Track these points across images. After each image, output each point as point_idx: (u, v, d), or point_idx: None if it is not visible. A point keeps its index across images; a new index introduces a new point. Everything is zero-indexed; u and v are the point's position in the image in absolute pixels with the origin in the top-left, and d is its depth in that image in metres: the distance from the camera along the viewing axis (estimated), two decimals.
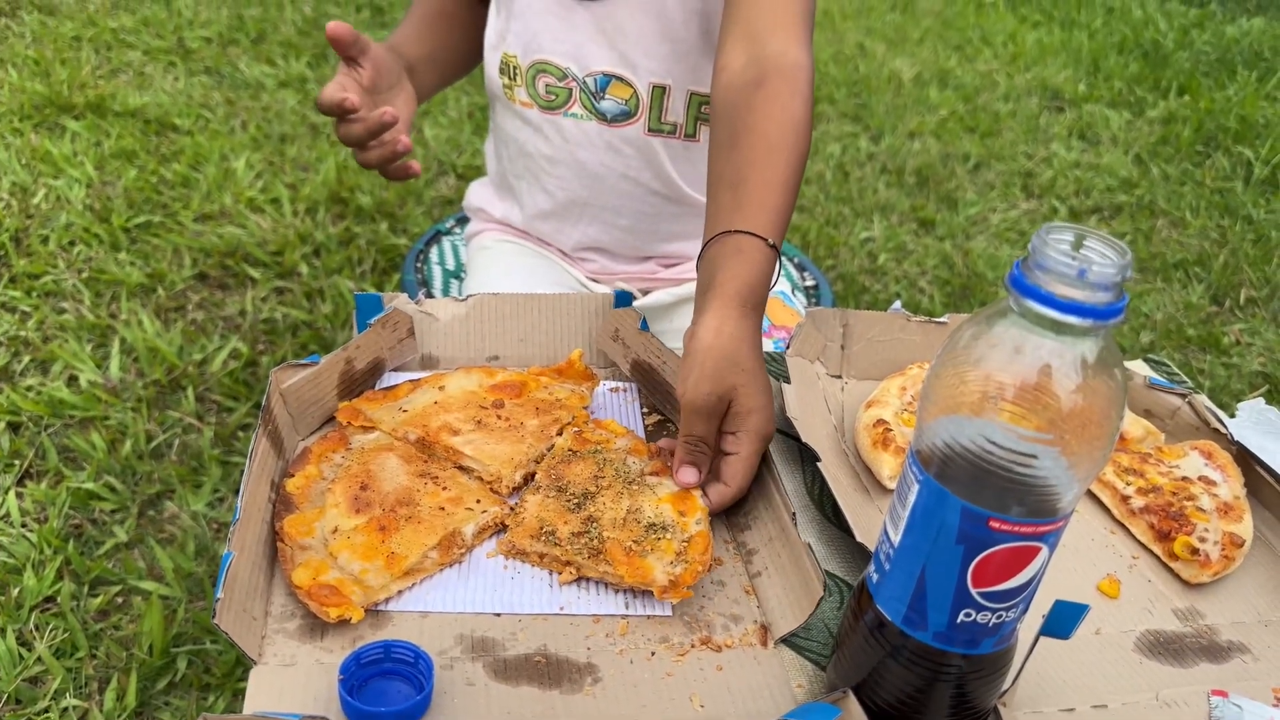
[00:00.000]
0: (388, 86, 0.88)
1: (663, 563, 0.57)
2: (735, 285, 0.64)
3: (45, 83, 2.33)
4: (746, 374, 0.62)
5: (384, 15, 3.16)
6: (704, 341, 0.62)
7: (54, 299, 1.64)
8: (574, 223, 1.02)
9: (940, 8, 4.12)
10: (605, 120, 0.94)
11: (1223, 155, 2.79)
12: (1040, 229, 0.42)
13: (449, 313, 0.74)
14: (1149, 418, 0.79)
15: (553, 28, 0.91)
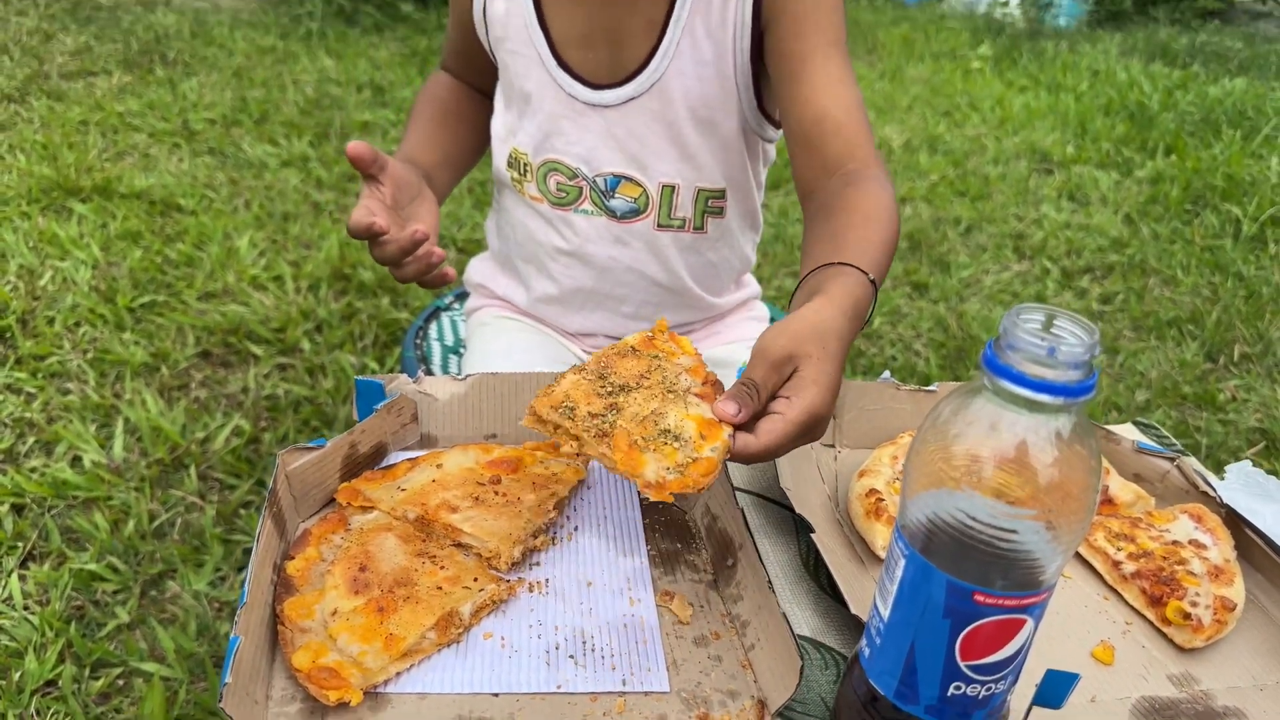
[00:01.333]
0: (410, 199, 0.89)
1: (659, 465, 0.57)
2: (841, 294, 0.66)
3: (53, 166, 2.38)
4: (825, 353, 0.62)
5: (384, 95, 3.24)
6: (801, 312, 0.63)
7: (59, 380, 1.66)
8: (578, 310, 1.04)
9: (928, 75, 4.21)
10: (615, 217, 0.96)
11: (1211, 213, 2.83)
12: (1011, 310, 0.44)
13: (448, 392, 0.76)
14: (1139, 482, 0.80)
15: (565, 130, 0.93)
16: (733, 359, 1.05)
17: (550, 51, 0.91)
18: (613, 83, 0.90)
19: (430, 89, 1.06)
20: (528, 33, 0.91)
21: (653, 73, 0.89)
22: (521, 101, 0.95)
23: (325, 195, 2.47)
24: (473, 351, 1.08)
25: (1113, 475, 0.78)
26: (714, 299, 1.07)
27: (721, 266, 1.04)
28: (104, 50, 3.33)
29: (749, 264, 1.11)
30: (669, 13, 0.87)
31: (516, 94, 0.95)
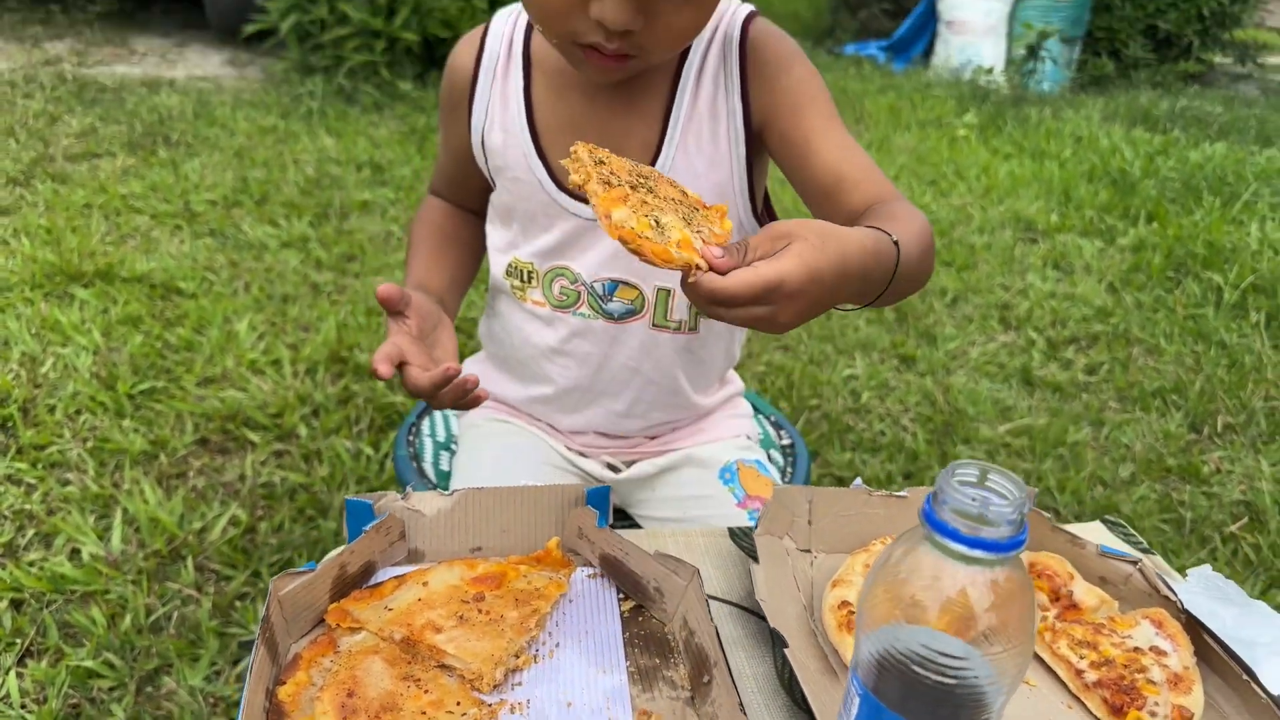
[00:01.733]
0: (431, 327, 0.95)
1: (629, 217, 0.66)
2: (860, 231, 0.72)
3: (56, 251, 2.44)
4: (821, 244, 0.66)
5: (383, 173, 3.31)
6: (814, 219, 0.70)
7: (59, 470, 1.69)
8: (571, 408, 1.07)
9: (915, 144, 4.30)
10: (611, 318, 1.00)
11: (1193, 281, 2.88)
12: (947, 467, 0.47)
13: (434, 507, 0.79)
14: (1103, 585, 0.82)
15: (569, 244, 0.98)
16: (716, 459, 1.08)
17: (550, 178, 0.96)
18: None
19: (426, 216, 1.12)
20: (527, 162, 0.96)
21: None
22: (525, 219, 1.00)
23: (324, 276, 2.52)
24: (463, 453, 1.11)
25: (1077, 580, 0.81)
26: (701, 397, 1.11)
27: (710, 364, 1.08)
28: (109, 132, 3.41)
29: (734, 360, 1.15)
30: (663, 132, 0.92)
31: (519, 214, 1.00)
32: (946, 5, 6.33)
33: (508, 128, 0.97)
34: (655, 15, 0.78)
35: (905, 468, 1.96)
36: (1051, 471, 1.95)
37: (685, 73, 0.92)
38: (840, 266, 0.67)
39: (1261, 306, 2.70)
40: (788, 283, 0.64)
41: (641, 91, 0.93)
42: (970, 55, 6.11)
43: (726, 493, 1.05)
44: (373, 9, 4.13)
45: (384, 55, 4.15)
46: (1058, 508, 1.84)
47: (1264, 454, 2.06)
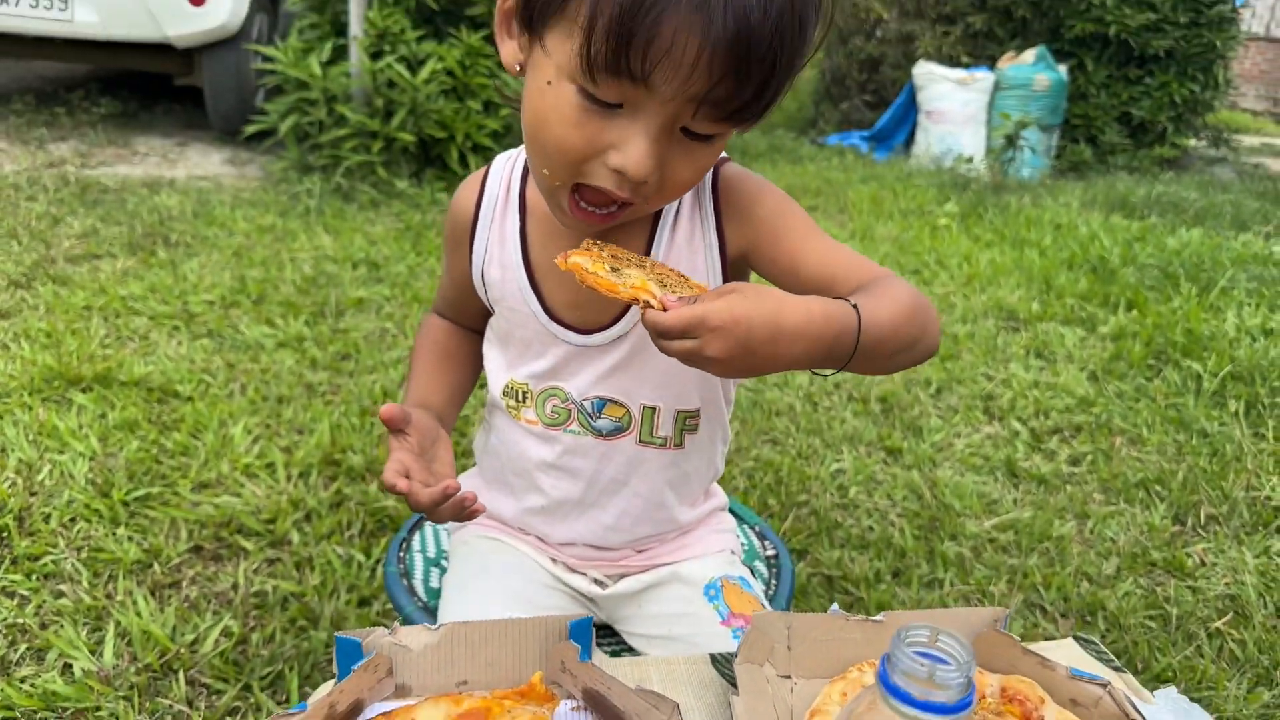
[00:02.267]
0: (430, 443, 1.01)
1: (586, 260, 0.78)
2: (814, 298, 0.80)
3: (55, 355, 2.48)
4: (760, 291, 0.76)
5: (379, 270, 3.38)
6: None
7: (53, 580, 1.70)
8: (562, 520, 1.12)
9: (897, 233, 4.40)
10: (600, 435, 1.05)
11: (1172, 369, 2.94)
12: (899, 630, 0.51)
13: (421, 642, 0.81)
14: (1074, 707, 0.85)
15: (560, 368, 1.04)
16: (701, 576, 1.11)
17: (543, 310, 1.02)
18: (600, 328, 1.01)
19: (428, 333, 1.18)
20: (522, 295, 1.02)
21: (629, 320, 1.00)
22: (521, 344, 1.06)
23: (319, 375, 2.56)
24: (453, 571, 1.14)
25: (1048, 704, 0.83)
26: (685, 511, 1.14)
27: (694, 477, 1.12)
28: (109, 233, 3.48)
29: (718, 474, 1.19)
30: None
31: (515, 339, 1.07)
32: (926, 96, 6.53)
33: (505, 264, 1.03)
34: (665, 169, 0.82)
35: (894, 565, 1.98)
36: (1037, 567, 1.97)
37: (664, 213, 0.99)
38: (773, 317, 0.75)
39: (1240, 395, 2.75)
40: (710, 319, 0.73)
41: (623, 230, 0.98)
42: (950, 144, 6.29)
43: (711, 610, 1.07)
44: (370, 111, 4.26)
45: (381, 155, 4.27)
46: (1044, 605, 1.86)
47: (1247, 545, 2.08)
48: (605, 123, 0.79)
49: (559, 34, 0.78)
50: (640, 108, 0.78)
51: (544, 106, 0.81)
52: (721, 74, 0.74)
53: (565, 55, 0.77)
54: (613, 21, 0.72)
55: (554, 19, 0.78)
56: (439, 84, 4.26)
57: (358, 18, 4.29)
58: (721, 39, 0.72)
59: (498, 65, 4.42)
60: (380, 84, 4.23)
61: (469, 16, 4.45)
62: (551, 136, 0.82)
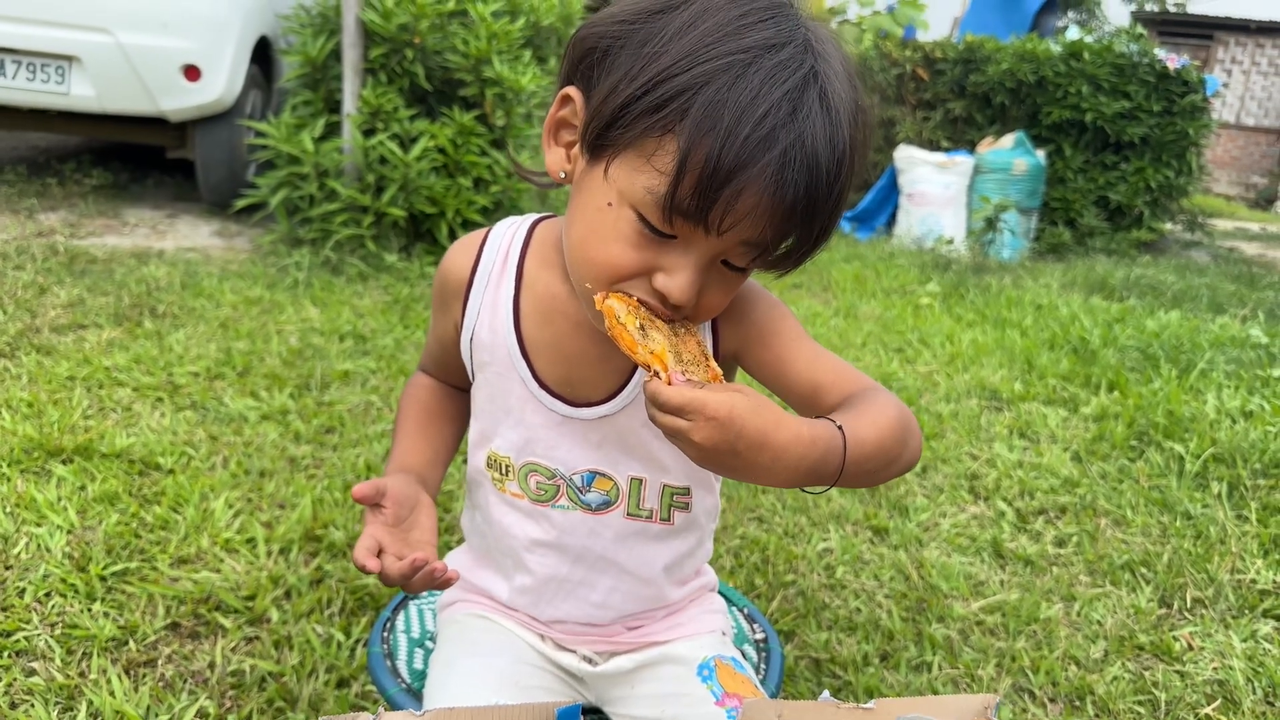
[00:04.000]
0: (410, 509, 1.01)
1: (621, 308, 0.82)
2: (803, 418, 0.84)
3: (36, 425, 2.46)
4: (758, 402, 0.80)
5: (366, 343, 3.39)
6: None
7: (25, 658, 1.66)
8: (551, 598, 1.11)
9: (880, 311, 4.46)
10: (589, 509, 1.05)
11: (1155, 451, 2.96)
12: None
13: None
14: None
15: (545, 439, 1.04)
16: (694, 656, 1.10)
17: (533, 377, 1.03)
18: (587, 404, 1.02)
19: (413, 392, 1.19)
20: (511, 359, 1.04)
21: (622, 400, 1.02)
22: (502, 413, 1.06)
23: (302, 449, 2.55)
24: (440, 651, 1.13)
25: None
26: (675, 589, 1.14)
27: (684, 555, 1.13)
28: (96, 304, 3.48)
29: (708, 554, 1.18)
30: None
31: (497, 406, 1.07)
32: (907, 179, 6.67)
33: (495, 330, 1.04)
34: (701, 293, 0.87)
35: (881, 647, 1.96)
36: (1025, 650, 1.95)
37: None
38: (762, 432, 0.79)
39: (1222, 476, 2.77)
40: (708, 406, 0.77)
41: None
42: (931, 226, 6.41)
43: (705, 690, 1.07)
44: (361, 186, 4.31)
45: (371, 229, 4.31)
46: (1032, 689, 1.84)
47: (1234, 629, 2.07)
48: (659, 249, 0.84)
49: (628, 165, 0.83)
50: (694, 243, 0.84)
51: (601, 225, 0.85)
52: (779, 229, 0.82)
53: (633, 186, 0.82)
54: (701, 180, 0.78)
55: (627, 151, 0.82)
56: (430, 161, 4.33)
57: (352, 95, 4.37)
58: (792, 207, 0.80)
59: (490, 144, 4.50)
60: (372, 160, 4.29)
61: (461, 97, 4.55)
62: (605, 254, 0.86)
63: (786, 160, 0.77)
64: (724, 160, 0.76)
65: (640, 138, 0.80)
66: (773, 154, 0.77)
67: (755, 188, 0.78)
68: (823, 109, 0.79)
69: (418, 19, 4.35)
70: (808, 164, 0.78)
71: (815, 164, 0.79)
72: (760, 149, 0.76)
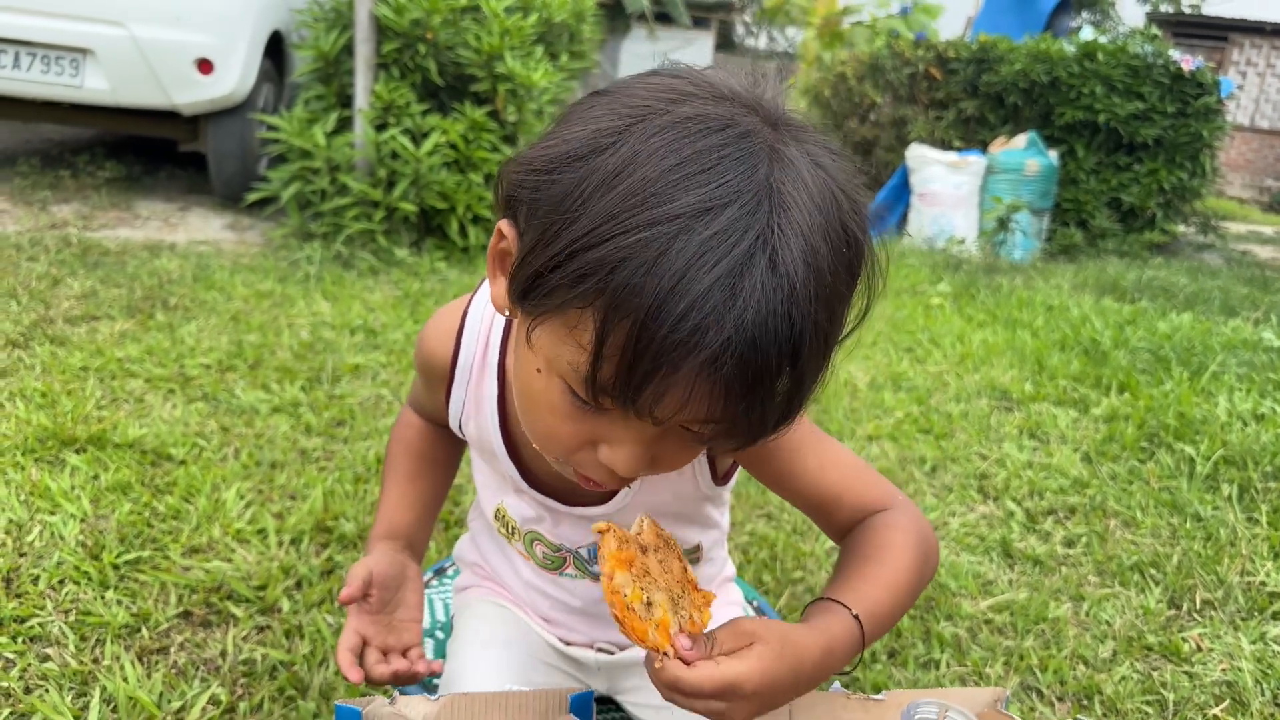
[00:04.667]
0: (396, 587, 1.04)
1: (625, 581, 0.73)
2: (821, 626, 0.80)
3: (50, 415, 2.47)
4: (782, 652, 0.75)
5: (376, 337, 3.40)
6: (782, 623, 0.78)
7: (39, 644, 1.67)
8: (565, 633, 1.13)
9: (890, 312, 4.45)
10: (597, 579, 1.03)
11: (1165, 452, 2.95)
12: (909, 707, 0.51)
13: (421, 712, 0.81)
14: None
15: (544, 522, 1.04)
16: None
17: (523, 479, 1.00)
18: (583, 504, 1.00)
19: (403, 434, 1.15)
20: (502, 460, 1.00)
21: (615, 505, 0.99)
22: (499, 488, 1.06)
23: (313, 441, 2.56)
24: (456, 639, 1.13)
25: None
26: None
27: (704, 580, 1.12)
28: (109, 295, 3.50)
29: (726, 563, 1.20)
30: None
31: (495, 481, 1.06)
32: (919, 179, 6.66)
33: (482, 426, 1.00)
34: (657, 456, 0.77)
35: (889, 645, 1.96)
36: (1034, 650, 1.95)
37: None
38: (795, 671, 0.76)
39: (1233, 479, 2.76)
40: (744, 685, 0.72)
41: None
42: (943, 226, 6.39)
43: None
44: (373, 181, 4.32)
45: (382, 224, 4.33)
46: (1040, 688, 1.84)
47: (1243, 631, 2.07)
48: (597, 420, 0.73)
49: (550, 334, 0.71)
50: (632, 419, 0.72)
51: (534, 393, 0.76)
52: (729, 414, 0.69)
53: (559, 359, 0.71)
54: (620, 371, 0.66)
55: (550, 317, 0.70)
56: (442, 156, 4.34)
57: (364, 90, 4.39)
58: (739, 396, 0.67)
59: (501, 139, 4.51)
60: (384, 155, 4.31)
61: (473, 92, 4.55)
62: (544, 426, 0.77)
63: (721, 357, 0.64)
64: (643, 356, 0.64)
65: (560, 308, 0.68)
66: (702, 354, 0.63)
67: (685, 383, 0.66)
68: (775, 280, 0.64)
69: (430, 14, 4.36)
70: (746, 357, 0.64)
71: (760, 354, 0.64)
72: (684, 350, 0.63)
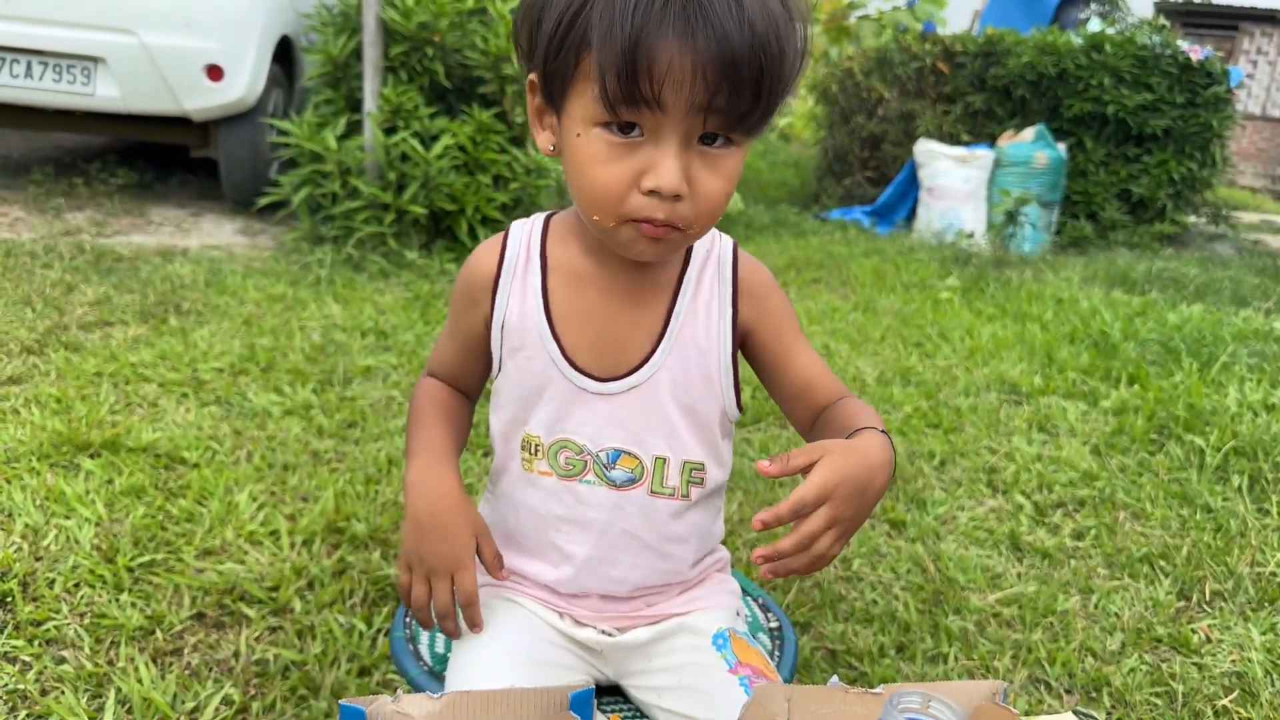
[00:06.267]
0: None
1: None
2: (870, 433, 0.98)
3: (65, 421, 2.50)
4: (844, 447, 0.93)
5: (387, 339, 3.42)
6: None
7: (55, 647, 1.70)
8: (574, 571, 1.14)
9: (899, 306, 4.45)
10: (614, 486, 1.10)
11: (1175, 444, 2.95)
12: (892, 696, 0.52)
13: (424, 710, 0.82)
14: None
15: (574, 415, 1.10)
16: (709, 626, 1.15)
17: (562, 355, 1.09)
18: (614, 377, 1.09)
19: (428, 390, 1.23)
20: (541, 340, 1.09)
21: (648, 370, 1.08)
22: (534, 395, 1.11)
23: (325, 443, 2.58)
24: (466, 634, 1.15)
25: None
26: (692, 562, 1.17)
27: (702, 529, 1.18)
28: (122, 301, 3.53)
29: (721, 531, 1.22)
30: (666, 323, 1.08)
31: (528, 389, 1.12)
32: (927, 173, 6.64)
33: (525, 313, 1.10)
34: (694, 183, 0.93)
35: (897, 639, 1.96)
36: (1042, 642, 1.95)
37: (687, 277, 1.10)
38: (865, 464, 0.93)
39: (1243, 470, 2.76)
40: (829, 483, 0.91)
41: (650, 290, 1.09)
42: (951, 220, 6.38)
43: (719, 659, 1.11)
44: (383, 184, 4.35)
45: (392, 227, 4.35)
46: (1049, 680, 1.85)
47: (1253, 622, 2.07)
48: (633, 153, 0.91)
49: (576, 94, 0.93)
50: (659, 131, 0.90)
51: (580, 156, 0.94)
52: (716, 85, 0.86)
53: (586, 107, 0.91)
54: (619, 59, 0.85)
55: (571, 84, 0.93)
56: (451, 159, 4.36)
57: (372, 94, 4.41)
58: (708, 55, 0.85)
59: (509, 141, 4.53)
60: (393, 158, 4.33)
61: (481, 94, 4.57)
62: (591, 177, 0.93)
63: (686, 12, 0.84)
64: (626, 36, 0.84)
65: (574, 70, 0.91)
66: (669, 10, 0.84)
67: (666, 49, 0.85)
68: None
69: (437, 17, 4.39)
70: (705, 11, 0.84)
71: (716, 9, 0.84)
72: (651, 11, 0.84)
